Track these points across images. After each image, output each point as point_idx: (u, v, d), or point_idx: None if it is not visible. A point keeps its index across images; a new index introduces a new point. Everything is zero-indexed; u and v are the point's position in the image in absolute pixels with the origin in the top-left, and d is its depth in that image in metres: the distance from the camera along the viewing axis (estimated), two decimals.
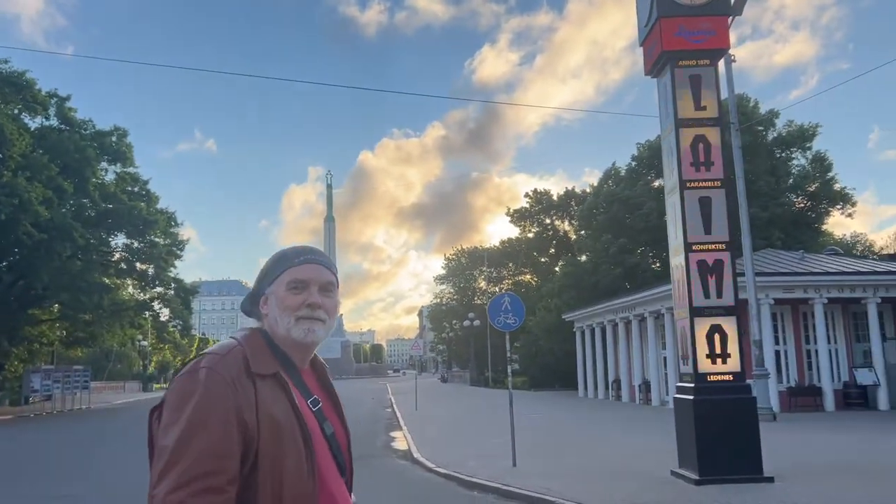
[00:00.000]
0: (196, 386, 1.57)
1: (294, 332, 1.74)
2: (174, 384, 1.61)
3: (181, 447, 1.49)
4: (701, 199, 9.98)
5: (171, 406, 1.57)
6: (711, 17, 9.85)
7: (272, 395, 1.63)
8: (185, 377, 1.60)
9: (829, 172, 39.87)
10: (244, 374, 1.62)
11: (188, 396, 1.55)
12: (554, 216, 61.80)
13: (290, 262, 1.80)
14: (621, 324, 31.39)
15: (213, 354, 1.65)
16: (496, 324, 11.71)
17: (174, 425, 1.53)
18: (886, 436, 15.74)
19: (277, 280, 1.78)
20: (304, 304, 1.75)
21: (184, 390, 1.57)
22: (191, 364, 1.64)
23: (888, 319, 24.46)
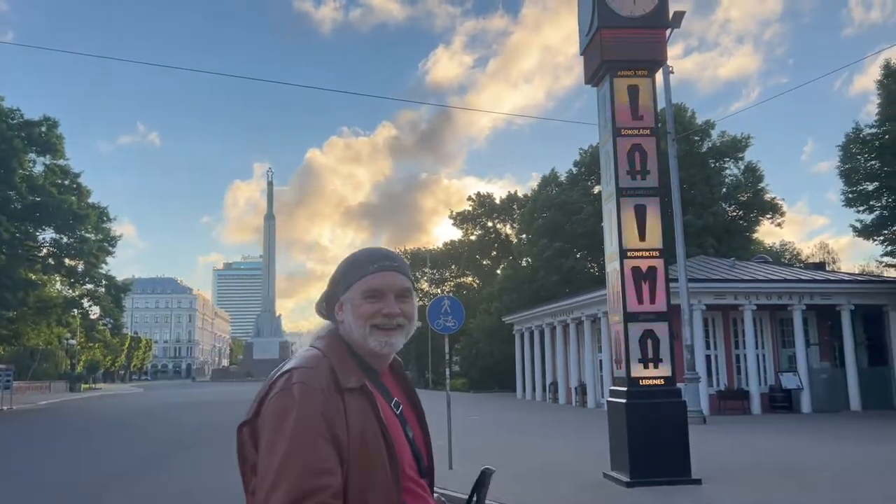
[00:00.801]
0: (292, 402, 1.57)
1: (370, 341, 1.73)
2: (271, 404, 1.60)
3: (287, 466, 1.50)
4: (637, 207, 10.19)
5: (271, 424, 1.57)
6: (650, 29, 10.09)
7: (359, 406, 1.63)
8: (280, 396, 1.60)
9: (761, 183, 41.41)
10: (333, 388, 1.62)
11: (286, 414, 1.56)
12: (497, 219, 62.30)
13: (365, 269, 1.77)
14: (559, 327, 31.85)
15: (303, 368, 1.65)
16: (435, 326, 11.71)
17: (277, 444, 1.54)
18: (809, 438, 16.39)
19: (353, 287, 1.77)
20: (380, 313, 1.74)
21: (282, 408, 1.57)
22: (282, 381, 1.63)
23: (812, 326, 25.48)
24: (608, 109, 10.17)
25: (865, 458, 12.51)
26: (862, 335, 26.03)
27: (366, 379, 1.70)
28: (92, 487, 11.21)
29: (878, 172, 23.46)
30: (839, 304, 24.56)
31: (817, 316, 25.53)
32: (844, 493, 9.44)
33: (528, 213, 47.30)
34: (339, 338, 1.77)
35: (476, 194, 62.60)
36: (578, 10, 11.04)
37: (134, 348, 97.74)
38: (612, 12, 10.02)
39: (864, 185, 23.97)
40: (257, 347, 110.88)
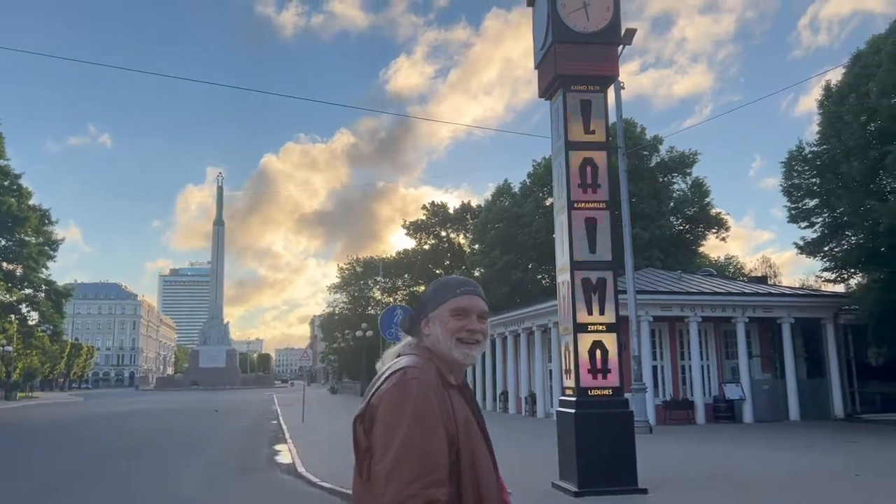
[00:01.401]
0: (409, 394, 1.79)
1: (455, 352, 2.00)
2: (387, 395, 1.82)
3: (406, 449, 1.71)
4: (587, 220, 10.34)
5: (389, 413, 1.78)
6: (603, 45, 10.28)
7: (459, 402, 1.93)
8: (397, 387, 1.82)
9: (707, 198, 42.48)
10: (441, 383, 1.89)
11: (404, 404, 1.78)
12: (450, 229, 62.45)
13: (453, 291, 2.06)
14: (510, 337, 32.04)
15: (414, 367, 1.89)
16: (387, 336, 11.68)
17: (396, 430, 1.74)
18: (750, 448, 16.81)
19: (442, 306, 2.03)
20: (465, 328, 2.01)
21: (399, 398, 1.79)
22: (397, 376, 1.85)
23: (754, 338, 26.19)
24: (561, 123, 10.31)
25: (801, 468, 12.90)
26: (801, 347, 26.86)
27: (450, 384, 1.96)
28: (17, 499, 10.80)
29: (818, 190, 24.29)
30: (780, 318, 25.31)
31: (759, 328, 26.27)
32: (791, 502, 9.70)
33: (481, 224, 47.54)
34: (427, 349, 2.02)
35: (430, 203, 62.74)
36: (533, 25, 11.20)
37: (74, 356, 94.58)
38: (566, 28, 10.18)
39: (806, 201, 24.78)
40: (204, 356, 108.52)
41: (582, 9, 10.12)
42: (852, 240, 23.45)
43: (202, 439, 21.09)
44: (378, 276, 65.18)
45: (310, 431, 22.03)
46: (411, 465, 1.68)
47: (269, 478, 13.11)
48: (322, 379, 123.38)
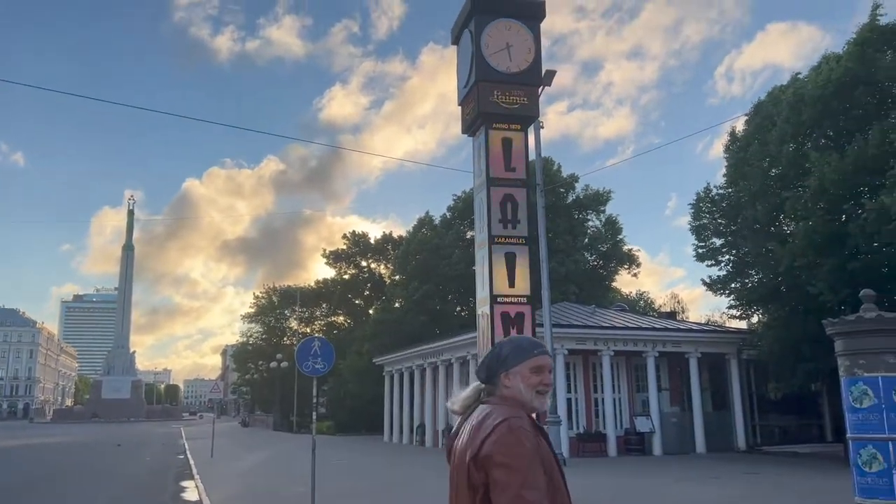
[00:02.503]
0: (519, 441, 2.24)
1: (535, 402, 2.46)
2: (502, 440, 2.24)
3: (524, 488, 2.15)
4: (507, 255, 10.52)
5: (506, 457, 2.21)
6: (524, 85, 10.59)
7: (544, 443, 2.36)
8: (508, 436, 2.24)
9: (620, 234, 43.99)
10: (535, 431, 2.34)
11: (516, 449, 2.23)
12: (370, 259, 62.06)
13: (531, 352, 2.50)
14: (429, 369, 31.96)
15: (515, 418, 2.32)
16: (304, 368, 11.43)
17: (513, 471, 2.18)
18: (661, 480, 17.26)
19: (522, 364, 2.47)
20: (542, 382, 2.47)
21: (513, 445, 2.23)
22: (504, 426, 2.26)
23: (664, 372, 27.07)
24: (483, 159, 10.52)
25: (707, 500, 13.33)
26: (707, 381, 27.92)
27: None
28: None
29: (724, 231, 25.52)
30: (688, 352, 26.29)
31: (668, 362, 27.17)
32: None
33: (403, 255, 47.55)
34: (509, 398, 2.44)
35: (351, 233, 62.19)
36: (458, 63, 11.43)
37: None
38: (489, 67, 10.44)
39: (714, 241, 25.97)
40: (107, 386, 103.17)
41: (505, 50, 10.42)
42: (755, 279, 24.67)
43: (102, 476, 19.96)
44: (295, 305, 63.94)
45: (220, 466, 21.23)
46: (529, 497, 2.14)
47: None
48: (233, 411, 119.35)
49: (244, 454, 27.99)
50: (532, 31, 10.79)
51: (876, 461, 9.77)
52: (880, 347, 9.94)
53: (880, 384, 9.85)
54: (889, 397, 9.80)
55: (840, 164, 19.02)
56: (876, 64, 19.91)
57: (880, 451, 9.76)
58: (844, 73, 20.17)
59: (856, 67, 20.07)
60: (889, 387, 9.83)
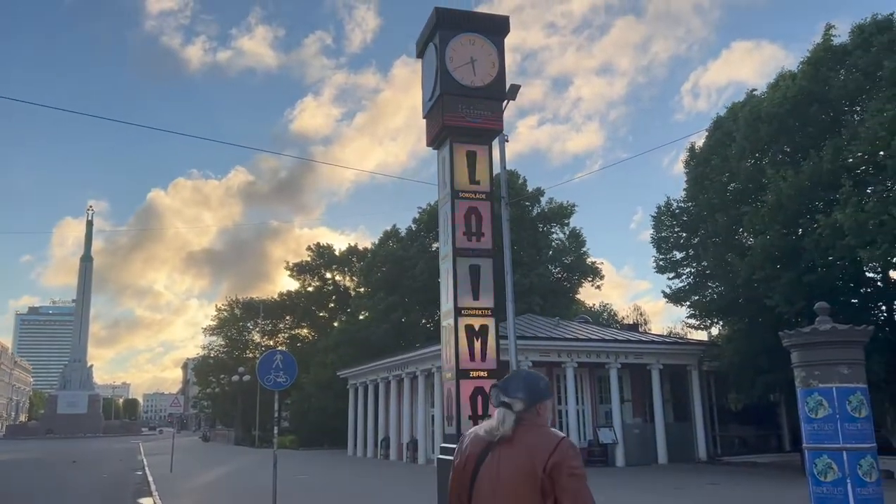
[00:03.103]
0: (578, 454, 2.83)
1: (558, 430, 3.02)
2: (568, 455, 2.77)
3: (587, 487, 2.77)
4: (471, 267, 10.55)
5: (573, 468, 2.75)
6: (489, 99, 10.67)
7: None
8: (572, 450, 2.81)
9: (583, 247, 44.40)
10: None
11: (579, 460, 2.80)
12: (335, 271, 61.65)
13: (551, 391, 3.18)
14: (394, 381, 31.79)
15: (566, 437, 2.87)
16: (265, 382, 11.29)
17: (581, 480, 2.75)
18: (625, 492, 17.39)
19: (549, 399, 3.02)
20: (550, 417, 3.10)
21: (576, 456, 2.80)
22: (566, 442, 2.81)
23: (626, 383, 27.33)
24: (447, 172, 10.55)
25: None
26: (669, 393, 28.27)
27: None
28: None
29: (685, 243, 25.94)
30: (650, 364, 26.59)
31: (631, 374, 27.44)
32: None
33: (368, 267, 47.37)
34: (543, 424, 2.90)
35: (315, 245, 61.74)
36: (423, 76, 11.48)
37: None
38: (454, 81, 10.49)
39: (674, 253, 26.37)
40: (62, 401, 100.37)
41: (469, 64, 10.49)
42: (715, 291, 25.10)
43: (55, 494, 19.39)
44: (258, 318, 63.13)
45: (179, 482, 20.80)
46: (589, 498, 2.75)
47: None
48: (193, 426, 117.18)
49: (205, 469, 27.46)
50: (496, 46, 10.88)
51: (831, 471, 9.98)
52: (834, 359, 10.18)
53: (834, 395, 10.08)
54: (843, 408, 10.03)
55: (796, 181, 19.51)
56: (829, 83, 20.51)
57: (835, 460, 9.97)
58: (799, 91, 20.73)
59: (810, 86, 20.66)
60: (843, 397, 10.06)
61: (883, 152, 17.81)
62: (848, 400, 10.06)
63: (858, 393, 10.12)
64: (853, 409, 10.04)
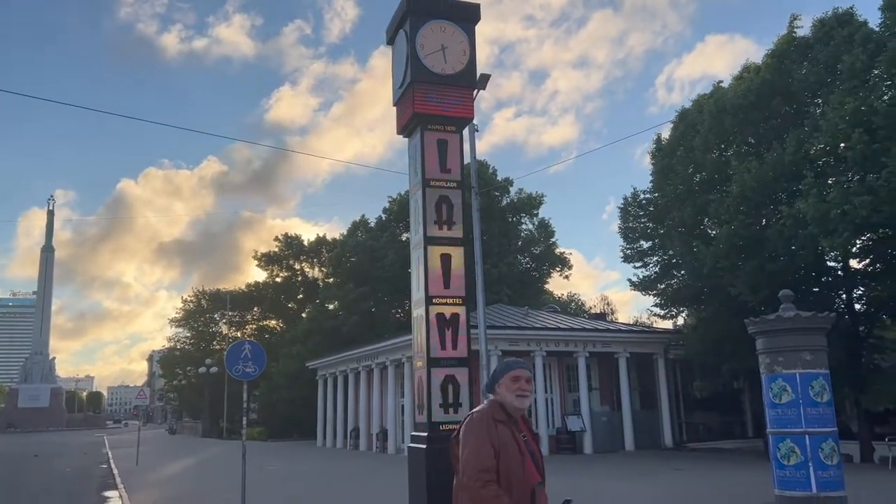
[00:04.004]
0: (471, 427, 3.36)
1: (516, 403, 3.48)
2: (464, 425, 3.41)
3: (471, 458, 3.25)
4: (442, 256, 10.51)
5: (464, 436, 3.35)
6: (460, 87, 10.61)
7: (502, 431, 3.34)
8: (468, 420, 3.40)
9: (552, 238, 44.70)
10: (491, 420, 3.37)
11: (470, 430, 3.35)
12: (304, 262, 61.21)
13: (512, 367, 3.58)
14: (363, 372, 31.72)
15: (476, 411, 3.49)
16: (234, 373, 11.17)
17: (467, 446, 3.30)
18: (595, 478, 17.60)
19: (505, 376, 3.53)
20: (519, 388, 3.49)
21: (469, 427, 3.37)
22: (469, 416, 3.44)
23: (594, 372, 27.64)
24: (418, 161, 10.49)
25: (637, 495, 13.67)
26: (635, 380, 28.66)
27: (507, 420, 3.42)
28: None
29: (651, 233, 26.25)
30: (617, 352, 26.92)
31: (599, 362, 27.75)
32: None
33: (337, 257, 47.13)
34: (497, 401, 3.51)
35: (283, 235, 61.19)
36: (393, 63, 11.38)
37: None
38: (424, 68, 10.42)
39: (641, 243, 26.67)
40: (23, 395, 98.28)
41: (440, 51, 10.42)
42: (680, 280, 25.46)
43: (15, 489, 19.00)
44: (225, 309, 62.46)
45: (145, 475, 20.53)
46: (474, 466, 3.23)
47: None
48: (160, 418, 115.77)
49: (172, 462, 27.14)
50: (467, 34, 10.81)
51: (794, 454, 10.22)
52: (798, 345, 10.42)
53: (798, 380, 10.32)
54: (806, 393, 10.27)
55: (759, 172, 19.83)
56: (792, 75, 20.87)
57: (798, 444, 10.22)
58: (763, 84, 21.06)
59: (773, 78, 21.00)
60: (806, 383, 10.30)
61: (843, 144, 18.19)
62: (811, 385, 10.31)
63: (821, 378, 10.38)
64: (816, 394, 10.29)
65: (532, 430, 3.58)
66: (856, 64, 18.20)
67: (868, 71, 18.37)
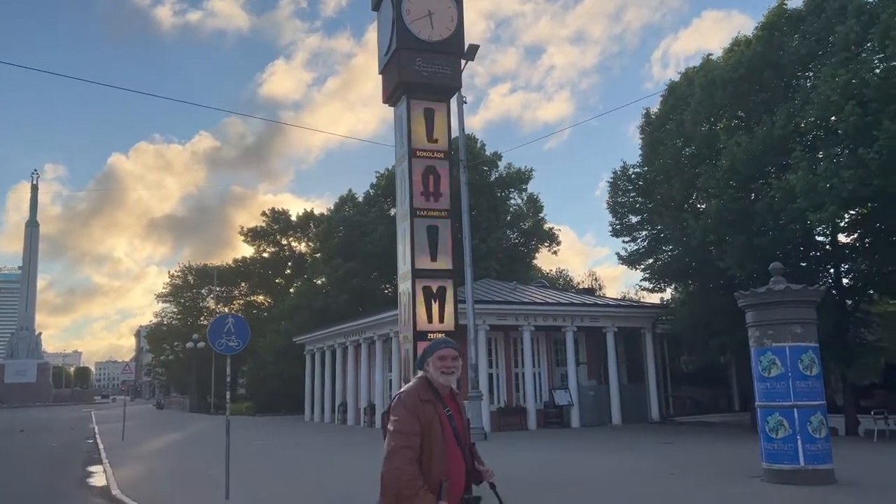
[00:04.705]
0: (401, 402, 3.56)
1: (441, 380, 3.67)
2: (393, 403, 3.60)
3: (397, 430, 3.44)
4: (429, 228, 10.35)
5: (393, 411, 3.54)
6: (447, 55, 10.37)
7: (428, 408, 3.54)
8: (397, 399, 3.59)
9: (541, 213, 44.50)
10: (417, 398, 3.57)
11: (398, 408, 3.53)
12: (291, 237, 60.79)
13: (439, 346, 3.76)
14: (351, 347, 31.64)
15: (404, 391, 3.65)
16: (217, 346, 10.97)
17: (395, 421, 3.48)
18: (581, 452, 17.64)
19: (434, 354, 3.71)
20: (444, 366, 3.67)
21: (397, 405, 3.55)
22: (398, 395, 3.63)
23: (582, 346, 27.65)
24: (404, 130, 10.27)
25: (626, 469, 13.68)
26: (623, 355, 28.72)
27: (433, 397, 3.62)
28: None
29: (640, 207, 26.11)
30: (605, 327, 26.92)
31: (586, 337, 27.76)
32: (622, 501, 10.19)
33: (324, 232, 46.77)
34: (425, 378, 3.70)
35: (270, 210, 60.66)
36: (378, 30, 11.10)
37: None
38: (410, 34, 10.16)
39: (630, 217, 26.53)
40: (10, 370, 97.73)
41: (426, 17, 10.16)
42: (669, 254, 25.38)
43: (1, 463, 18.83)
44: (212, 284, 62.05)
45: (131, 450, 20.41)
46: (399, 435, 3.41)
47: (78, 503, 11.90)
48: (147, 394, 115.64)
49: (158, 436, 27.02)
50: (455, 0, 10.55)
51: (782, 427, 10.19)
52: (788, 318, 10.35)
53: (787, 353, 10.27)
54: (795, 366, 10.22)
55: (749, 145, 19.67)
56: (783, 48, 20.63)
57: (786, 417, 10.19)
58: (753, 57, 20.82)
59: (764, 51, 20.75)
60: (795, 356, 10.25)
61: (834, 117, 18.03)
62: (800, 358, 10.26)
63: (810, 352, 10.33)
64: (805, 367, 10.25)
65: (459, 405, 3.76)
66: (849, 35, 17.98)
67: (861, 43, 18.17)
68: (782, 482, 10.20)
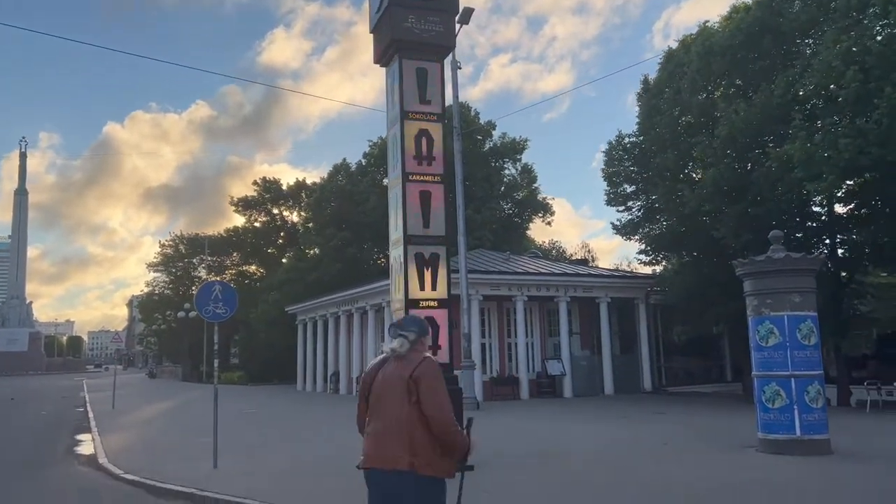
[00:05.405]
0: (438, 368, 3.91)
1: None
2: (425, 367, 3.80)
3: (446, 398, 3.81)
4: (422, 193, 10.07)
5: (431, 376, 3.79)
6: (440, 12, 9.98)
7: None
8: (430, 363, 3.86)
9: (535, 183, 44.17)
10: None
11: (438, 372, 3.84)
12: (283, 206, 60.33)
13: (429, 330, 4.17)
14: (343, 316, 31.48)
15: (429, 357, 3.93)
16: (204, 314, 10.74)
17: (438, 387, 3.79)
18: (573, 422, 17.58)
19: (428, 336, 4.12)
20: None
21: (434, 369, 3.83)
22: (427, 359, 3.88)
23: (574, 316, 27.55)
24: (397, 91, 9.93)
25: (619, 438, 13.60)
26: (616, 325, 28.66)
27: None
28: None
29: (636, 177, 25.82)
30: (598, 297, 26.80)
31: (579, 307, 27.65)
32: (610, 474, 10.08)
33: (317, 202, 46.36)
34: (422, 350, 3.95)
35: (261, 179, 60.08)
36: None
37: None
38: None
39: (624, 186, 26.25)
40: (1, 339, 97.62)
41: None
42: (664, 224, 25.16)
43: None
44: (204, 254, 61.68)
45: (121, 419, 20.28)
46: (449, 405, 3.78)
47: (64, 471, 11.74)
48: (140, 363, 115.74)
49: (148, 405, 26.91)
50: None
51: (779, 397, 10.06)
52: (787, 287, 10.17)
53: (786, 322, 10.09)
54: (794, 335, 10.05)
55: (748, 114, 19.36)
56: (783, 14, 20.21)
57: (783, 387, 10.05)
58: (753, 22, 20.40)
59: (764, 17, 20.33)
60: (794, 325, 10.08)
61: (834, 85, 17.71)
62: (798, 328, 10.10)
63: (809, 321, 10.16)
64: (803, 336, 10.09)
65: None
66: (851, 1, 17.60)
67: (863, 10, 17.79)
68: (778, 452, 10.10)
